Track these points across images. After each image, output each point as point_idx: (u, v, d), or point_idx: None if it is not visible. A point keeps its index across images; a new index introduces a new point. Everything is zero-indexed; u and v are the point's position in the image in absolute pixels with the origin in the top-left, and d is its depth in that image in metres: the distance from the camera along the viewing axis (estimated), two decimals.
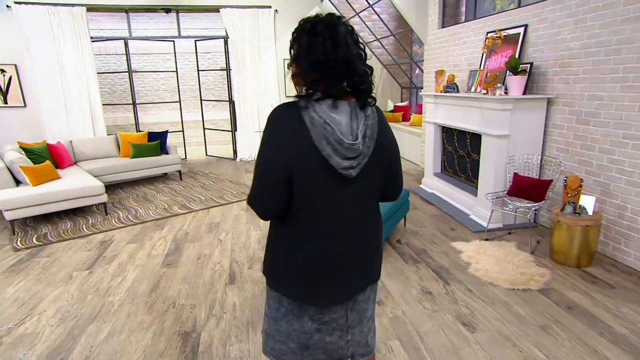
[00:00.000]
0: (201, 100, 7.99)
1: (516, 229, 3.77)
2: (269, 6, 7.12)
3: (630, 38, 2.83)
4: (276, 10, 7.19)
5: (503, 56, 4.00)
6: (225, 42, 7.24)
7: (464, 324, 2.37)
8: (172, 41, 7.46)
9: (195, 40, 7.51)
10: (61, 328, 2.42)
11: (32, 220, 4.35)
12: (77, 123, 6.66)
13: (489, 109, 3.66)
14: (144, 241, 3.76)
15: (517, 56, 3.77)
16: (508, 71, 3.65)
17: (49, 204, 4.09)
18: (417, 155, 6.70)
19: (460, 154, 4.61)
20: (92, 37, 6.62)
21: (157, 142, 5.88)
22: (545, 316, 2.41)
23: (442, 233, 3.77)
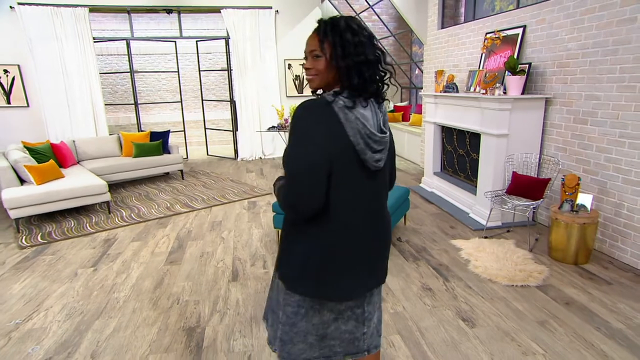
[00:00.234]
0: (202, 100, 8.04)
1: (515, 227, 3.81)
2: (269, 7, 7.16)
3: (626, 39, 2.88)
4: (277, 11, 7.23)
5: (502, 56, 4.05)
6: (227, 43, 7.29)
7: (464, 319, 2.41)
8: (174, 42, 7.50)
9: (197, 41, 7.55)
10: (68, 323, 2.47)
11: (36, 218, 4.40)
12: (80, 123, 6.70)
13: (488, 108, 3.71)
14: (148, 239, 3.81)
15: (515, 56, 3.82)
16: (507, 71, 3.70)
17: (53, 202, 4.14)
18: (417, 155, 6.74)
19: (460, 153, 4.65)
20: (94, 38, 6.66)
21: (159, 141, 5.92)
22: (543, 312, 2.46)
23: (442, 231, 3.81)
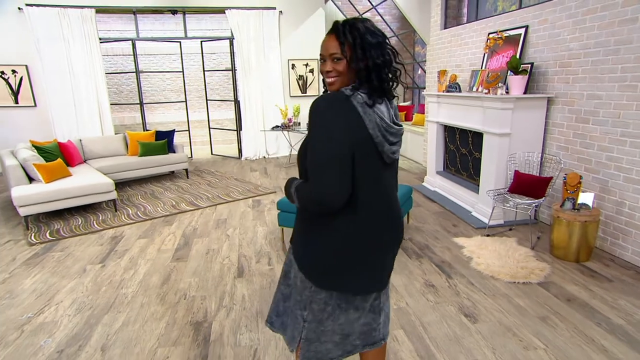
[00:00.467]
0: (207, 100, 8.10)
1: (517, 225, 3.84)
2: (273, 7, 7.22)
3: (628, 39, 2.91)
4: (281, 12, 7.28)
5: (504, 56, 4.08)
6: (231, 43, 7.34)
7: (466, 315, 2.45)
8: (179, 42, 7.57)
9: (201, 41, 7.62)
10: (78, 317, 2.52)
11: (44, 216, 4.47)
12: (86, 122, 6.78)
13: (490, 108, 3.74)
14: (154, 236, 3.87)
15: (518, 56, 3.85)
16: (509, 71, 3.73)
17: (61, 200, 4.21)
18: (420, 154, 6.78)
19: (462, 152, 4.69)
20: (100, 39, 6.74)
21: (164, 140, 5.98)
22: (545, 308, 2.49)
23: (445, 229, 3.85)
